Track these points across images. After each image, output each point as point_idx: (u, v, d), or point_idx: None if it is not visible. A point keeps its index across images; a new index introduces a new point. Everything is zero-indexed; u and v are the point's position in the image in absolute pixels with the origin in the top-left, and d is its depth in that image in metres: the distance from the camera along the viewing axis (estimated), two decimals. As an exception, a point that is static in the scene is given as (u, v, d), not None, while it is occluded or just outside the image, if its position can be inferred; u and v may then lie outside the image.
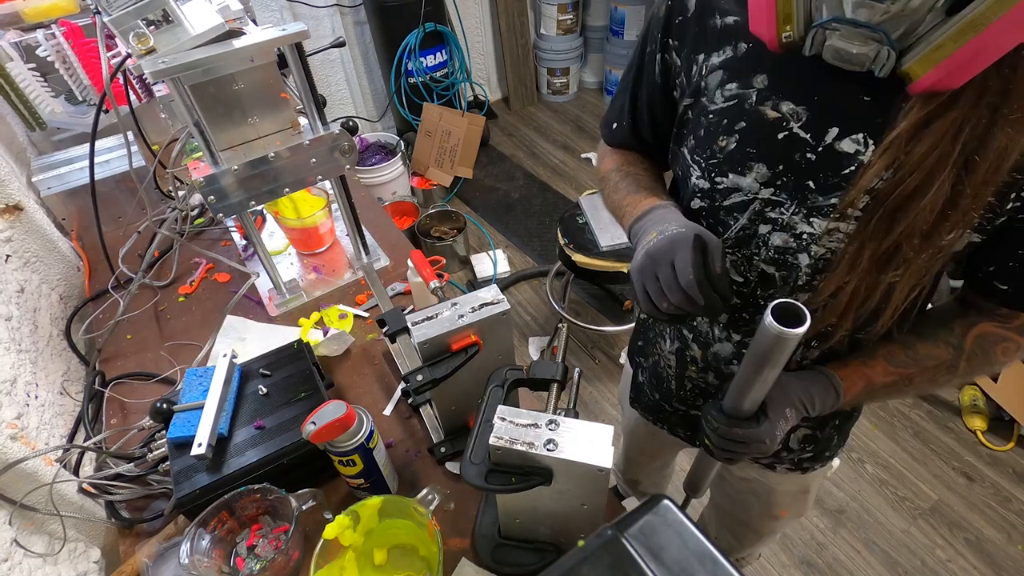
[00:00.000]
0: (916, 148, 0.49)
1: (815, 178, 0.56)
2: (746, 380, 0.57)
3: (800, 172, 0.57)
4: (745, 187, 0.61)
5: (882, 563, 1.58)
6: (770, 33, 0.51)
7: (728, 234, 0.65)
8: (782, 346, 0.51)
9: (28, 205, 1.06)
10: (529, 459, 0.57)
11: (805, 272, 0.61)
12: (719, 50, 0.59)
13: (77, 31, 1.17)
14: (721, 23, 0.58)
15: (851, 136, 0.54)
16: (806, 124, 0.55)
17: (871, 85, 0.51)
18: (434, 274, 0.92)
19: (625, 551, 0.35)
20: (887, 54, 0.46)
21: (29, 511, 0.74)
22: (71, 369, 1.02)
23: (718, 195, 0.64)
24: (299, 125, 0.96)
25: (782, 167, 0.58)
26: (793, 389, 0.63)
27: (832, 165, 0.55)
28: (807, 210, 0.58)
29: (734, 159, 0.61)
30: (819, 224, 0.58)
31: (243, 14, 0.84)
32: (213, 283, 1.17)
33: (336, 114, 2.91)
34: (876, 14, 0.45)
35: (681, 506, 0.42)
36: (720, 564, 0.34)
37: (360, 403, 0.77)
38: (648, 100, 0.71)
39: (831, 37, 0.48)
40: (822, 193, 0.57)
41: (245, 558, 0.73)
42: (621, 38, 3.18)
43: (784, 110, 0.56)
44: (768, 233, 0.62)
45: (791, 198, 0.59)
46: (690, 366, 0.79)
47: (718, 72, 0.60)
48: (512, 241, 2.63)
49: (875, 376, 0.65)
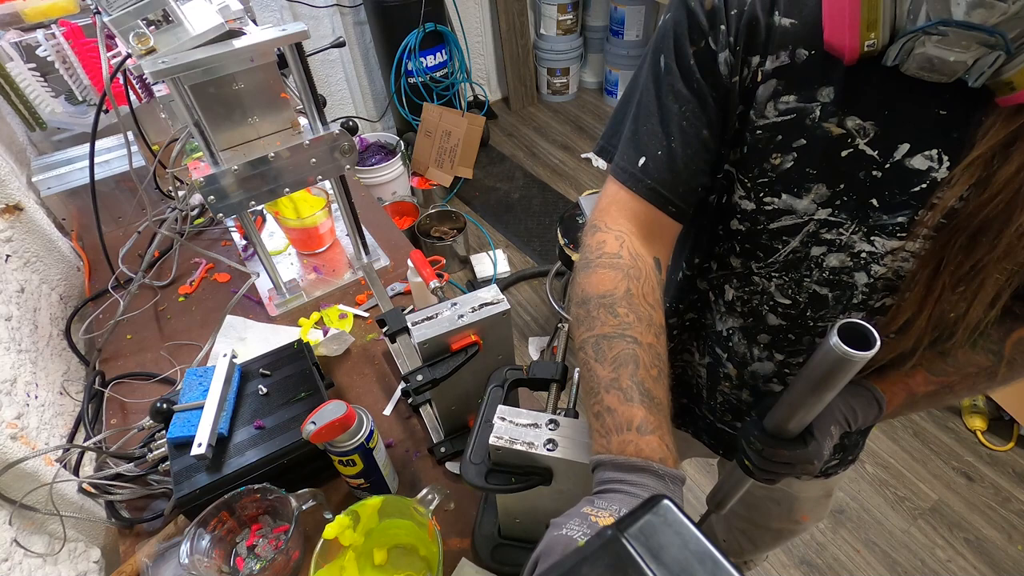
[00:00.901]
0: (1003, 168, 0.45)
1: (879, 196, 0.52)
2: (799, 401, 0.53)
3: (864, 190, 0.53)
4: (800, 209, 0.56)
5: (882, 563, 1.58)
6: (852, 42, 0.45)
7: (774, 258, 0.61)
8: (846, 368, 0.46)
9: (28, 205, 1.06)
10: (529, 459, 0.57)
11: (862, 291, 0.58)
12: (774, 55, 0.52)
13: (77, 31, 1.17)
14: (779, 23, 0.51)
15: (924, 152, 0.49)
16: (873, 140, 0.51)
17: (949, 97, 0.47)
18: (434, 274, 0.92)
19: (625, 551, 0.35)
20: (993, 60, 0.41)
21: (29, 511, 0.74)
22: (71, 369, 1.02)
23: (764, 217, 0.59)
24: (299, 125, 0.96)
25: (843, 186, 0.53)
26: (836, 405, 0.60)
27: (900, 183, 0.51)
28: (868, 229, 0.54)
29: (790, 179, 0.55)
30: (881, 243, 0.54)
31: (243, 14, 0.84)
32: (213, 283, 1.17)
33: (336, 114, 2.91)
34: (994, 15, 0.39)
35: (700, 520, 0.41)
36: (720, 564, 0.34)
37: (360, 403, 0.77)
38: (695, 116, 0.57)
39: (924, 44, 0.42)
40: (887, 212, 0.53)
41: (245, 558, 0.73)
42: (621, 38, 3.18)
43: (850, 126, 0.51)
44: (823, 255, 0.58)
45: (851, 217, 0.55)
46: (723, 382, 0.76)
47: (771, 81, 0.53)
48: (512, 241, 2.63)
49: (916, 386, 0.62)
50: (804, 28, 0.50)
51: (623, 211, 0.60)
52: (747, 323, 0.69)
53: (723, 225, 0.65)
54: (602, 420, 0.49)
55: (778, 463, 0.59)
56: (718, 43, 0.53)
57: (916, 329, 0.56)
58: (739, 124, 0.57)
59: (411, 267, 0.98)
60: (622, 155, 0.61)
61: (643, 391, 0.49)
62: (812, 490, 0.90)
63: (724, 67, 0.54)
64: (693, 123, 0.57)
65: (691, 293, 0.76)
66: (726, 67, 0.54)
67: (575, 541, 0.41)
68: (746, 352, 0.71)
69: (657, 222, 0.60)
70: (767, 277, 0.64)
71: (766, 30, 0.52)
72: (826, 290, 0.60)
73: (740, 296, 0.68)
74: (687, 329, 0.81)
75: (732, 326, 0.71)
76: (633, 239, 0.59)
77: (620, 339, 0.52)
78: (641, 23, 3.10)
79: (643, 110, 0.59)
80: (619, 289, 0.55)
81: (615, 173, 0.61)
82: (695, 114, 0.57)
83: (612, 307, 0.54)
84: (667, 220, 0.60)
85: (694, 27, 0.54)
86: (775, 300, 0.65)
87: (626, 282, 0.56)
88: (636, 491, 0.45)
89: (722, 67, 0.54)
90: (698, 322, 0.78)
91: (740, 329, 0.70)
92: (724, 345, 0.73)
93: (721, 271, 0.69)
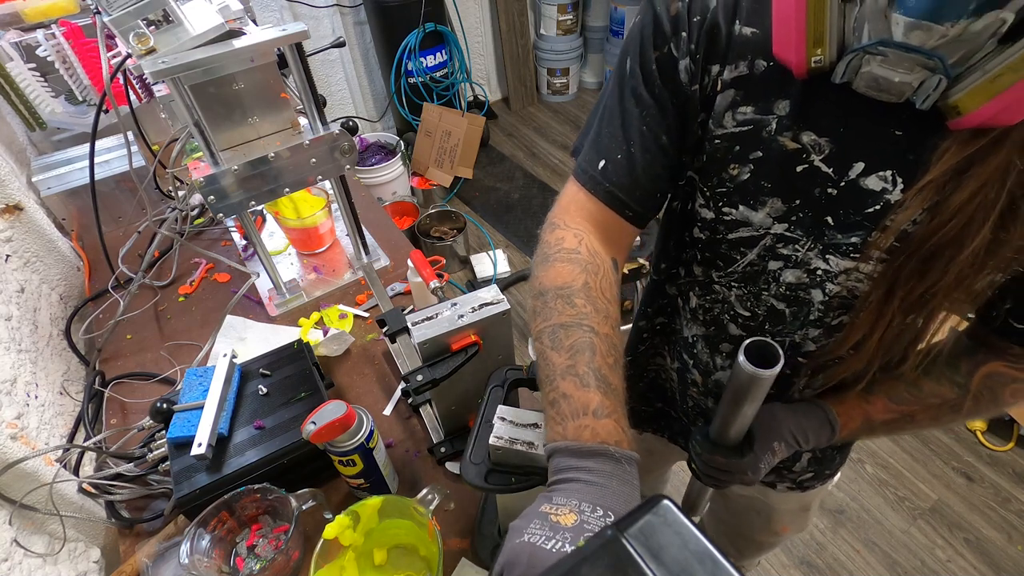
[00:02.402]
0: (956, 194, 0.44)
1: (834, 214, 0.52)
2: (726, 413, 0.56)
3: (819, 208, 0.52)
4: (756, 222, 0.56)
5: (882, 563, 1.58)
6: (798, 57, 0.45)
7: (733, 268, 0.61)
8: (757, 384, 0.49)
9: (28, 205, 1.06)
10: (529, 459, 0.57)
11: (818, 308, 0.58)
12: (732, 64, 0.51)
13: (77, 31, 1.17)
14: (739, 32, 0.50)
15: (878, 173, 0.49)
16: (829, 157, 0.50)
17: (904, 118, 0.46)
18: (434, 274, 0.92)
19: (625, 551, 0.35)
20: (936, 83, 0.40)
21: (29, 511, 0.74)
22: (71, 369, 1.02)
23: (723, 227, 0.59)
24: (299, 125, 0.96)
25: (799, 202, 0.53)
26: (786, 422, 0.61)
27: (855, 202, 0.51)
28: (823, 247, 0.54)
29: (746, 191, 0.55)
30: (836, 262, 0.54)
31: (243, 14, 0.84)
32: (213, 283, 1.17)
33: (336, 114, 2.91)
34: (932, 38, 0.39)
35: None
36: (720, 564, 0.34)
37: (360, 403, 0.77)
38: (655, 121, 0.57)
39: (870, 63, 0.42)
40: (841, 231, 0.52)
41: (245, 558, 0.73)
42: (621, 38, 3.18)
43: (805, 141, 0.50)
44: (780, 269, 0.58)
45: (806, 234, 0.54)
46: (691, 387, 0.77)
47: (730, 91, 0.52)
48: (512, 241, 2.63)
49: (875, 413, 0.63)
50: (764, 38, 0.48)
51: (581, 211, 0.61)
52: (709, 331, 0.69)
53: (688, 232, 0.65)
54: (557, 407, 0.49)
55: (717, 469, 0.61)
56: (679, 50, 0.53)
57: (867, 350, 0.56)
58: (700, 132, 0.56)
59: (411, 267, 0.98)
60: (585, 156, 0.61)
61: (599, 377, 0.49)
62: (789, 503, 0.90)
63: (684, 74, 0.54)
64: (652, 128, 0.57)
65: (661, 297, 0.77)
66: (686, 74, 0.54)
67: (539, 547, 0.40)
68: (709, 360, 0.71)
69: (614, 225, 0.61)
70: (727, 287, 0.64)
71: (727, 39, 0.51)
72: (783, 305, 0.60)
73: (703, 304, 0.68)
74: (658, 333, 0.82)
75: (696, 333, 0.72)
76: (591, 238, 0.60)
77: (577, 328, 0.52)
78: (641, 23, 3.10)
79: (606, 112, 0.59)
80: (577, 282, 0.55)
81: (576, 174, 0.62)
82: (655, 119, 0.56)
83: (569, 298, 0.54)
84: (624, 224, 0.61)
85: (658, 32, 0.54)
86: (735, 311, 0.65)
87: (584, 276, 0.56)
88: (593, 478, 0.44)
89: (682, 74, 0.54)
90: (668, 327, 0.79)
91: (703, 337, 0.71)
92: (690, 352, 0.73)
93: (687, 277, 0.70)
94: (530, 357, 2.13)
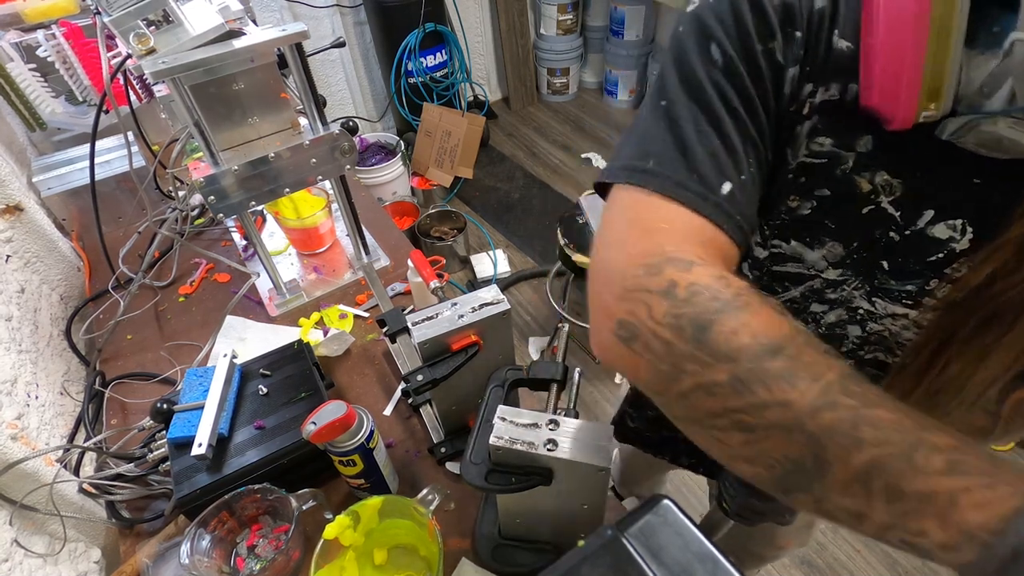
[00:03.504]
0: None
1: (892, 260, 0.47)
2: None
3: (876, 250, 0.47)
4: (809, 261, 0.51)
5: (882, 563, 1.58)
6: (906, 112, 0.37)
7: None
8: None
9: (29, 205, 1.06)
10: (529, 459, 0.57)
11: (852, 342, 0.55)
12: (824, 85, 0.42)
13: (77, 31, 1.17)
14: (836, 45, 0.41)
15: (948, 221, 0.44)
16: (898, 200, 0.44)
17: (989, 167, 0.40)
18: (434, 274, 0.92)
19: (625, 551, 0.35)
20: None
21: (29, 511, 0.74)
22: (71, 369, 1.02)
23: (768, 261, 0.53)
24: (299, 125, 0.96)
25: (857, 244, 0.48)
26: None
27: (917, 250, 0.46)
28: (871, 289, 0.50)
29: (803, 226, 0.49)
30: (883, 306, 0.50)
31: (243, 14, 0.84)
32: (213, 283, 1.17)
33: (336, 114, 2.91)
34: None
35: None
36: (720, 564, 0.34)
37: (360, 403, 0.77)
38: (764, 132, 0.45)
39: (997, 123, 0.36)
40: (896, 277, 0.48)
41: (245, 558, 0.73)
42: (621, 38, 3.18)
43: (878, 182, 0.44)
44: (823, 312, 0.54)
45: (856, 274, 0.50)
46: None
47: (814, 117, 0.44)
48: (512, 241, 2.63)
49: None
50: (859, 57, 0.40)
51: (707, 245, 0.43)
52: None
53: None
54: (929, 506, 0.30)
55: (752, 511, 0.60)
56: (787, 55, 0.42)
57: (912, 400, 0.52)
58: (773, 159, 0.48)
59: (411, 267, 0.98)
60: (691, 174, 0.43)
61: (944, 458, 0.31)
62: (794, 519, 0.90)
63: (788, 86, 0.43)
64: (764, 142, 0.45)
65: None
66: (790, 87, 0.43)
67: None
68: None
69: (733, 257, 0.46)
70: None
71: (825, 51, 0.41)
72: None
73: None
74: None
75: None
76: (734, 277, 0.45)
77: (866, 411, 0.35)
78: (641, 23, 3.10)
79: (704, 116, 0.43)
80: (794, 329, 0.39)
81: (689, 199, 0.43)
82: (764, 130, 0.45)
83: (820, 346, 0.37)
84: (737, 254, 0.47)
85: (762, 20, 0.41)
86: None
87: (786, 320, 0.38)
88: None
89: (787, 86, 0.43)
90: None
91: None
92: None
93: None
94: (530, 357, 2.13)
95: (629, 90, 3.35)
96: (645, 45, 3.19)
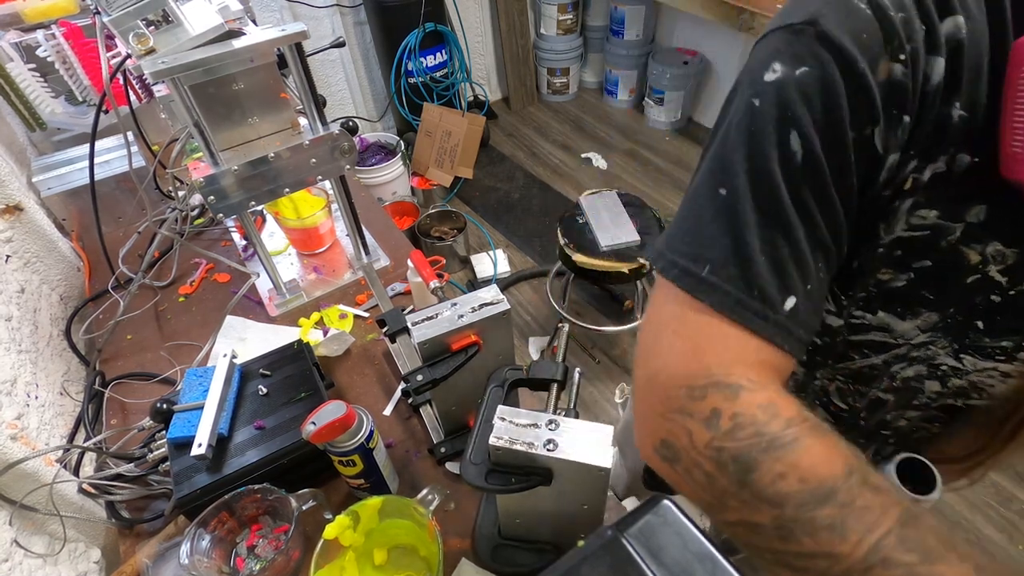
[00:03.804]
0: None
1: (990, 320, 0.45)
2: None
3: (973, 313, 0.45)
4: (899, 331, 0.47)
5: (882, 563, 1.58)
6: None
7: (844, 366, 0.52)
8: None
9: (28, 205, 1.06)
10: (529, 459, 0.57)
11: (929, 396, 0.52)
12: (934, 160, 0.38)
13: (77, 31, 1.17)
14: (954, 116, 0.37)
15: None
16: (1009, 268, 0.41)
17: None
18: (434, 274, 0.92)
19: (625, 551, 0.35)
20: None
21: (29, 511, 0.74)
22: (71, 369, 1.02)
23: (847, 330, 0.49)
24: (299, 125, 0.96)
25: (954, 310, 0.45)
26: None
27: (1018, 310, 0.44)
28: (960, 347, 0.47)
29: (895, 298, 0.46)
30: (972, 362, 0.48)
31: (243, 14, 0.84)
32: (213, 283, 1.17)
33: (336, 114, 2.91)
34: None
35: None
36: (720, 564, 0.34)
37: (360, 403, 0.76)
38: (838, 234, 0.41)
39: None
40: (991, 335, 0.46)
41: (245, 558, 0.73)
42: (621, 38, 3.18)
43: (989, 251, 0.41)
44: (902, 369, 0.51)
45: (946, 335, 0.47)
46: None
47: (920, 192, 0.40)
48: (512, 241, 2.63)
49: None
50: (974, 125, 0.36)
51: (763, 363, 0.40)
52: None
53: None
54: None
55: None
56: (888, 142, 0.37)
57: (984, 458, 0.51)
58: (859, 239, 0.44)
59: (411, 267, 0.98)
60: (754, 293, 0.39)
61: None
62: None
63: (885, 174, 0.39)
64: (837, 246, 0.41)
65: None
66: (887, 174, 0.39)
67: None
68: None
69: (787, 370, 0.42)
70: (829, 379, 0.57)
71: (938, 122, 0.37)
72: (890, 396, 0.54)
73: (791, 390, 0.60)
74: None
75: None
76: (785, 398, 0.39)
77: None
78: (641, 23, 3.10)
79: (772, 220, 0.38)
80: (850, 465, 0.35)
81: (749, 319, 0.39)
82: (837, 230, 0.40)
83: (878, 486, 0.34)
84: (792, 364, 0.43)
85: (860, 102, 0.36)
86: (830, 399, 0.58)
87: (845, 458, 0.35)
88: None
89: (883, 174, 0.39)
90: None
91: None
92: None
93: None
94: (530, 357, 2.13)
95: (629, 90, 3.35)
96: (645, 45, 3.20)
